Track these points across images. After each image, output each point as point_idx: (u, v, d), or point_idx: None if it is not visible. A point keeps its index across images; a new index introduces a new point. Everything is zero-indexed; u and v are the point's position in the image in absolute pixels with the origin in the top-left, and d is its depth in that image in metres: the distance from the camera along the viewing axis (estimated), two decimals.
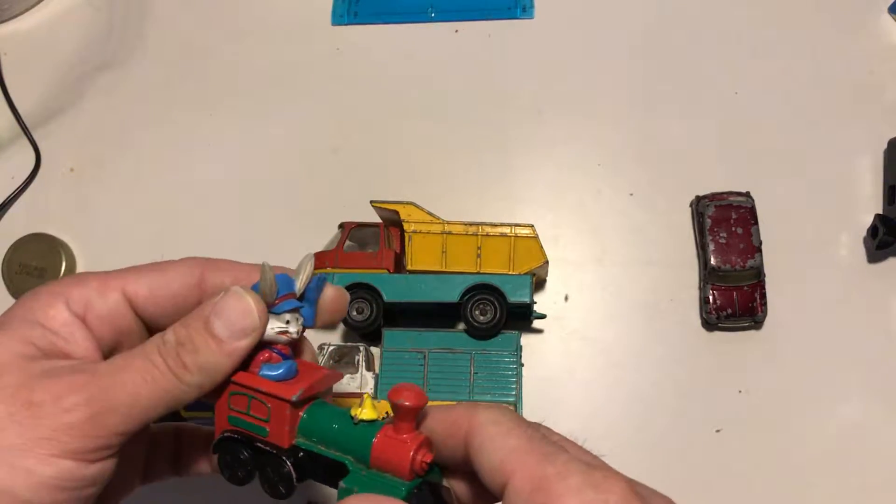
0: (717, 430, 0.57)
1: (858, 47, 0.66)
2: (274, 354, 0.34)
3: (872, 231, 0.58)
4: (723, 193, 0.60)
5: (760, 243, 0.58)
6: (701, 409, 0.57)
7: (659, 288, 0.61)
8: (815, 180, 0.63)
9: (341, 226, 0.59)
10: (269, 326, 0.33)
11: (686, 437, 0.57)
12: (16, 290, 0.67)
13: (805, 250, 0.61)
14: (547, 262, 0.57)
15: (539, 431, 0.28)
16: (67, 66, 0.75)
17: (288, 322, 0.34)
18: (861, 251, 0.60)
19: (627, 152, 0.66)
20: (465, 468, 0.29)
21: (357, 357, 0.56)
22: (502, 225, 0.57)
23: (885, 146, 0.62)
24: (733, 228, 0.58)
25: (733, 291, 0.58)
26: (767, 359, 0.58)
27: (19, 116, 0.72)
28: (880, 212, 0.60)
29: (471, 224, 0.57)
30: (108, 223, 0.69)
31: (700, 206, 0.60)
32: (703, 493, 0.56)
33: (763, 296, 0.58)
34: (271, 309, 0.34)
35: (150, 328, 0.34)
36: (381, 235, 0.58)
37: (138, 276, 0.33)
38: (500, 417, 0.28)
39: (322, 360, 0.56)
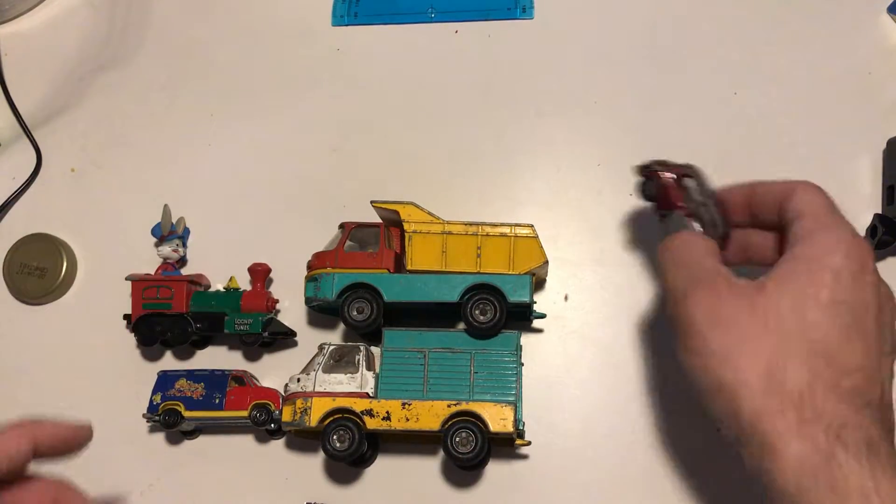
0: (718, 430, 0.57)
1: (858, 47, 0.66)
2: (169, 266, 0.63)
3: (871, 231, 0.58)
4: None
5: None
6: (701, 408, 0.57)
7: (659, 288, 0.61)
8: (815, 180, 0.62)
9: (341, 226, 0.59)
10: (167, 248, 0.63)
11: (686, 436, 0.57)
12: (16, 291, 0.67)
13: None
14: (547, 262, 0.57)
15: None
16: (68, 66, 0.75)
17: (176, 246, 0.63)
18: None
19: (627, 152, 0.66)
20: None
21: (357, 357, 0.56)
22: (502, 225, 0.57)
23: (884, 146, 0.62)
24: None
25: None
26: None
27: (20, 117, 0.72)
28: (879, 211, 0.60)
29: (471, 224, 0.57)
30: (109, 223, 0.69)
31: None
32: (703, 493, 0.56)
33: None
34: (167, 237, 0.63)
35: None
36: (381, 235, 0.58)
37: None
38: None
39: (322, 360, 0.56)
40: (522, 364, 0.56)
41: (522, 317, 0.58)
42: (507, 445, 0.57)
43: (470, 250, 0.57)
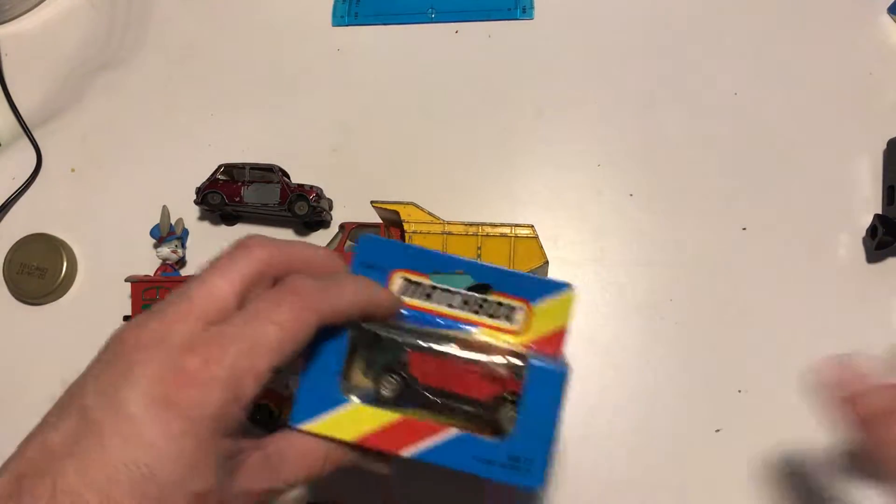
0: (717, 430, 0.57)
1: (858, 48, 0.66)
2: (168, 267, 0.63)
3: (871, 231, 0.58)
4: None
5: None
6: (701, 408, 0.58)
7: (659, 288, 0.61)
8: (815, 180, 0.63)
9: (341, 226, 0.59)
10: (166, 249, 0.63)
11: (686, 436, 0.57)
12: (17, 291, 0.67)
13: (805, 250, 0.61)
14: (547, 263, 0.57)
15: None
16: (68, 66, 0.75)
17: (175, 247, 0.64)
18: (860, 251, 0.61)
19: (627, 152, 0.66)
20: None
21: None
22: (502, 225, 0.57)
23: (884, 146, 0.62)
24: None
25: None
26: (767, 358, 0.58)
27: (20, 116, 0.72)
28: (879, 212, 0.60)
29: (471, 224, 0.57)
30: (109, 223, 0.69)
31: None
32: (702, 492, 0.56)
33: None
34: (166, 238, 0.63)
35: None
36: (381, 236, 0.58)
37: None
38: None
39: None
40: None
41: None
42: None
43: (470, 250, 0.57)
